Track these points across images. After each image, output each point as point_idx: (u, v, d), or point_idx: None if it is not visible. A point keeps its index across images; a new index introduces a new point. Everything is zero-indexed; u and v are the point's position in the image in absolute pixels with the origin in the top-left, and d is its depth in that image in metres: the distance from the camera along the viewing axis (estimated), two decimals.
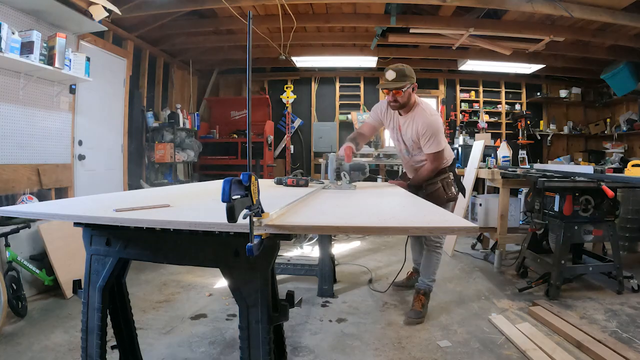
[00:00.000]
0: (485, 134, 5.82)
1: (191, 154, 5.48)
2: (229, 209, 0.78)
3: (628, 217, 3.70)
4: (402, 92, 2.36)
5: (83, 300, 1.25)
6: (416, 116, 2.42)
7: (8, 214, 1.22)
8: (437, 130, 2.38)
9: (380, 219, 1.13)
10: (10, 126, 2.93)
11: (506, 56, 5.08)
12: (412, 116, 2.45)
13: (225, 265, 1.09)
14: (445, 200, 2.50)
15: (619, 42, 4.56)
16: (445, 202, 2.49)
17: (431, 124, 2.37)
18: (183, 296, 2.81)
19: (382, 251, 4.12)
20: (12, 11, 2.85)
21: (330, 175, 2.30)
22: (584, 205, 2.81)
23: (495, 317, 2.40)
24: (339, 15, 4.54)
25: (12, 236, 2.47)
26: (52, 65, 2.87)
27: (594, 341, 2.02)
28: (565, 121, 6.76)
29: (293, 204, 1.33)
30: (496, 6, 3.87)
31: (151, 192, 1.84)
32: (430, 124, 2.37)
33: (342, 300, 2.73)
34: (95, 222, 1.14)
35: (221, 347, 2.07)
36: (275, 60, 5.82)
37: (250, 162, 0.87)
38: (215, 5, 4.05)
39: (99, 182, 4.06)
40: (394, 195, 1.97)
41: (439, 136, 2.39)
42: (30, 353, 1.95)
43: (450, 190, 2.54)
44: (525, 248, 3.25)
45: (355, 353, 2.03)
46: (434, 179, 2.54)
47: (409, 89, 2.38)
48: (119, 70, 4.42)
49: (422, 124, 2.38)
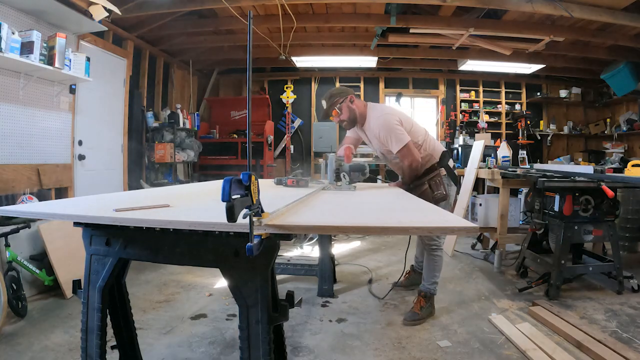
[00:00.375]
0: (485, 134, 5.82)
1: (191, 154, 5.48)
2: (228, 209, 0.78)
3: (628, 217, 3.70)
4: (338, 111, 2.41)
5: (83, 300, 1.25)
6: (371, 122, 2.43)
7: (8, 214, 1.22)
8: (391, 126, 2.32)
9: (380, 219, 1.13)
10: (10, 126, 2.93)
11: (506, 56, 5.08)
12: (368, 125, 2.46)
13: (225, 265, 1.09)
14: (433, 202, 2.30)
15: (619, 42, 4.56)
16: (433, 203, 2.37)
17: (383, 123, 2.35)
18: (183, 296, 2.81)
19: (382, 251, 4.12)
20: (12, 11, 2.85)
21: (330, 176, 2.28)
22: (584, 205, 2.80)
23: (495, 317, 2.40)
24: (339, 15, 4.53)
25: (12, 236, 2.47)
26: (52, 65, 2.87)
27: (594, 341, 2.02)
28: (565, 121, 6.76)
29: (293, 204, 1.33)
30: (496, 6, 3.87)
31: (151, 192, 1.84)
32: (382, 124, 2.35)
33: (342, 300, 2.73)
34: (95, 222, 1.14)
35: (221, 347, 2.07)
36: (275, 60, 5.81)
37: (250, 162, 0.87)
38: (215, 5, 4.05)
39: (99, 182, 4.06)
40: (394, 195, 1.97)
41: (396, 131, 2.32)
42: (30, 353, 1.95)
43: (439, 190, 2.44)
44: (525, 248, 3.25)
45: (355, 353, 2.03)
46: (421, 179, 2.45)
47: (344, 104, 2.40)
48: (119, 70, 4.42)
49: (376, 127, 2.39)
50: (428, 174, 2.46)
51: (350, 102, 2.41)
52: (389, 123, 2.33)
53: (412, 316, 2.39)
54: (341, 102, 2.38)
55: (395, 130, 2.32)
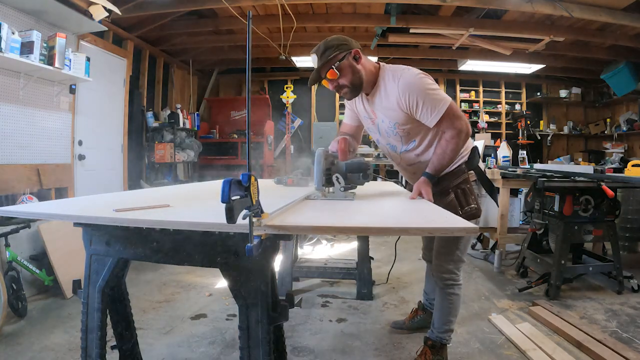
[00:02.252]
0: (485, 134, 5.82)
1: (191, 154, 5.48)
2: (228, 210, 0.77)
3: (628, 217, 3.70)
4: (335, 70, 1.57)
5: (83, 300, 1.24)
6: (388, 86, 1.62)
7: (8, 214, 1.22)
8: (424, 84, 1.57)
9: (380, 219, 1.13)
10: (10, 126, 2.93)
11: (506, 56, 5.08)
12: (382, 90, 1.65)
13: (225, 265, 1.09)
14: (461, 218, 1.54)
15: (619, 42, 4.57)
16: None
17: (411, 84, 1.57)
18: (183, 296, 2.81)
19: (382, 251, 4.12)
20: (12, 11, 2.85)
21: (317, 178, 1.55)
22: (584, 205, 2.80)
23: (495, 317, 2.40)
24: (339, 15, 4.54)
25: (12, 236, 2.47)
26: (52, 65, 2.87)
27: (594, 341, 2.02)
28: (565, 121, 6.76)
29: (293, 204, 1.33)
30: (496, 6, 3.87)
31: (151, 192, 1.84)
32: (410, 85, 1.56)
33: (342, 300, 2.73)
34: (95, 222, 1.14)
35: (221, 347, 2.07)
36: (275, 60, 5.82)
37: (250, 162, 0.87)
38: (215, 5, 4.05)
39: (99, 182, 4.06)
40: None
41: (433, 91, 1.57)
42: (30, 353, 1.95)
43: (469, 204, 1.70)
44: (525, 248, 3.25)
45: (355, 353, 2.03)
46: (444, 183, 1.71)
47: (344, 62, 1.58)
48: (119, 70, 4.42)
49: (401, 87, 1.57)
50: (453, 178, 1.72)
51: (354, 60, 1.61)
52: (421, 84, 1.56)
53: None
54: (341, 58, 1.57)
55: (432, 88, 1.57)
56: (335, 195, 1.57)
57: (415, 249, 4.02)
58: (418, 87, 1.56)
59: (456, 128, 1.58)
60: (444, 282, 1.79)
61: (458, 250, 1.78)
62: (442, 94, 1.59)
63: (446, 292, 1.80)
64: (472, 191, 1.75)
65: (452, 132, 1.59)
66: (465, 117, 1.64)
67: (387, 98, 1.64)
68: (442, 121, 1.57)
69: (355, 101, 1.82)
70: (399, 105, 1.60)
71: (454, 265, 1.79)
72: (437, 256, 1.83)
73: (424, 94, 1.55)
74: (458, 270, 1.80)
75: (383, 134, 1.79)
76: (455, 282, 1.79)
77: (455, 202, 1.69)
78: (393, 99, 1.61)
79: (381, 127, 1.76)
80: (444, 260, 1.79)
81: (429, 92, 1.56)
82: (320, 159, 1.56)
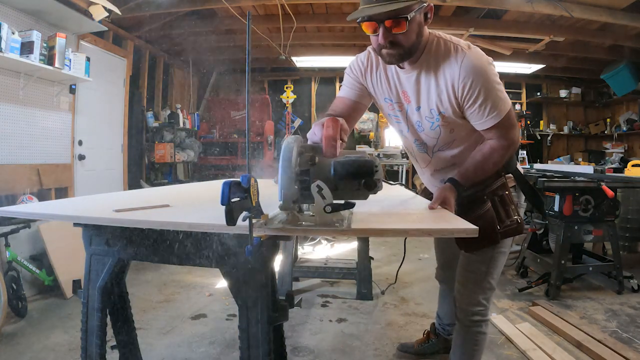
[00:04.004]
0: None
1: (191, 154, 5.48)
2: (227, 213, 0.77)
3: (628, 217, 3.70)
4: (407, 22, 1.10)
5: (83, 300, 1.25)
6: (441, 59, 1.20)
7: (8, 214, 1.22)
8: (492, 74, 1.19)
9: (379, 220, 1.13)
10: (10, 126, 2.93)
11: (506, 56, 5.08)
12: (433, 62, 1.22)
13: (225, 265, 1.09)
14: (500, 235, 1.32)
15: (619, 42, 4.56)
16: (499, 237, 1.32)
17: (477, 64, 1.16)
18: (183, 296, 2.81)
19: (382, 251, 4.12)
20: (12, 11, 2.85)
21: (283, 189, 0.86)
22: (584, 205, 2.80)
23: (495, 317, 2.40)
24: (339, 15, 4.53)
25: (12, 236, 2.47)
26: (52, 65, 2.87)
27: (594, 341, 2.02)
28: (565, 121, 6.75)
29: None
30: (496, 6, 3.87)
31: (151, 192, 1.84)
32: (477, 66, 1.16)
33: (342, 300, 2.73)
34: (95, 222, 1.14)
35: (221, 347, 2.07)
36: (275, 60, 5.82)
37: (249, 163, 0.86)
38: (215, 5, 4.05)
39: (99, 182, 4.06)
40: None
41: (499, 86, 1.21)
42: (30, 353, 1.95)
43: (510, 216, 1.34)
44: (525, 248, 3.25)
45: (355, 353, 2.03)
46: (477, 187, 1.32)
47: (418, 15, 1.14)
48: (119, 70, 4.42)
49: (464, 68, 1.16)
50: (489, 182, 1.35)
51: (424, 17, 1.18)
52: (491, 73, 1.19)
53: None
54: (416, 9, 1.11)
55: (498, 89, 1.20)
56: (315, 219, 0.89)
57: (415, 248, 4.03)
58: (485, 76, 1.17)
59: (509, 139, 1.25)
60: (470, 319, 1.39)
61: (490, 276, 1.36)
62: (505, 94, 1.24)
63: (471, 330, 1.40)
64: (512, 200, 1.38)
65: (502, 143, 1.24)
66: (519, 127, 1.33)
67: (440, 77, 1.21)
68: (495, 127, 1.22)
69: (370, 71, 1.35)
70: (455, 90, 1.19)
71: (483, 296, 1.38)
72: (462, 282, 1.41)
73: (489, 87, 1.17)
74: (488, 302, 1.40)
75: (414, 125, 1.34)
76: (483, 318, 1.40)
77: (492, 213, 1.32)
78: (448, 80, 1.19)
79: (413, 116, 1.31)
80: (471, 289, 1.39)
81: (495, 87, 1.19)
82: (290, 154, 0.86)
